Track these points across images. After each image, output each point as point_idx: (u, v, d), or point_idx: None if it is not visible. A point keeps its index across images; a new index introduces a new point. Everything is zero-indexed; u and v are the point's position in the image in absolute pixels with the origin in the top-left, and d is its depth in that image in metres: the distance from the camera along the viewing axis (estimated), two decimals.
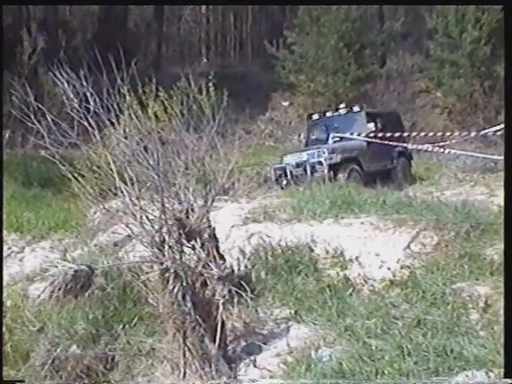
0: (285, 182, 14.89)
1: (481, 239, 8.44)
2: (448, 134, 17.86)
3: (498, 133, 15.84)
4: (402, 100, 23.77)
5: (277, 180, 15.60)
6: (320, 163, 14.97)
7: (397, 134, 16.14)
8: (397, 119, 18.24)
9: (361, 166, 15.62)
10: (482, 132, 17.14)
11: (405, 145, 15.46)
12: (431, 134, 17.01)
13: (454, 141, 17.45)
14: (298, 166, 15.42)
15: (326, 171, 14.64)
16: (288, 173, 15.30)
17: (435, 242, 8.59)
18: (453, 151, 16.14)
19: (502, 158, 12.88)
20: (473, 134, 17.99)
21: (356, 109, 16.99)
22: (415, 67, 26.38)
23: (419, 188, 14.84)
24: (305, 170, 15.14)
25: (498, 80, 21.90)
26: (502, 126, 15.85)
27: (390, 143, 15.71)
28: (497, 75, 22.81)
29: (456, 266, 7.87)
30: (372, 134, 15.92)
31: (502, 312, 6.68)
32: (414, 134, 18.14)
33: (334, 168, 14.88)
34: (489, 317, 6.73)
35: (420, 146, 16.76)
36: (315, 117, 17.71)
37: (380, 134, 15.85)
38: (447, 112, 24.12)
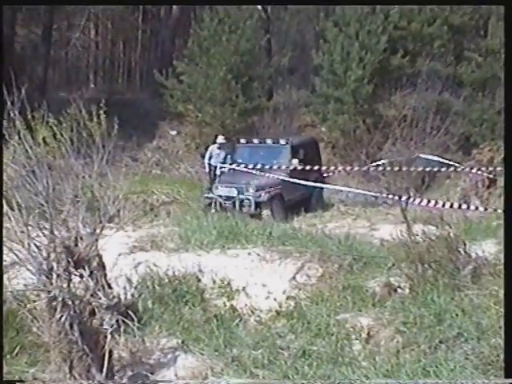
0: (213, 211, 15.30)
1: (363, 271, 8.72)
2: (332, 167, 18.31)
3: (379, 168, 16.43)
4: (288, 133, 24.09)
5: (206, 207, 16.21)
6: (248, 199, 15.98)
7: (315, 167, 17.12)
8: (316, 147, 19.37)
9: (283, 198, 16.60)
10: (365, 167, 17.69)
11: (297, 181, 15.87)
12: (316, 167, 17.32)
13: (336, 174, 17.99)
14: (227, 199, 16.16)
15: (253, 208, 15.89)
16: (218, 204, 15.95)
17: (320, 273, 8.81)
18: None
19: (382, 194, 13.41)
20: (356, 168, 18.55)
21: (282, 142, 17.81)
22: (301, 102, 26.89)
23: (303, 220, 15.13)
24: (233, 204, 15.99)
25: (380, 118, 22.74)
26: (383, 161, 16.54)
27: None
28: (378, 113, 23.65)
29: (340, 297, 8.10)
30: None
31: (383, 343, 6.94)
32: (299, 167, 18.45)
33: (260, 205, 16.01)
34: (370, 347, 6.95)
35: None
36: (243, 141, 18.51)
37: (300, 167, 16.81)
38: (331, 146, 24.70)
